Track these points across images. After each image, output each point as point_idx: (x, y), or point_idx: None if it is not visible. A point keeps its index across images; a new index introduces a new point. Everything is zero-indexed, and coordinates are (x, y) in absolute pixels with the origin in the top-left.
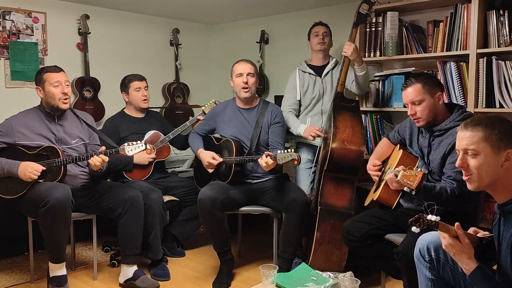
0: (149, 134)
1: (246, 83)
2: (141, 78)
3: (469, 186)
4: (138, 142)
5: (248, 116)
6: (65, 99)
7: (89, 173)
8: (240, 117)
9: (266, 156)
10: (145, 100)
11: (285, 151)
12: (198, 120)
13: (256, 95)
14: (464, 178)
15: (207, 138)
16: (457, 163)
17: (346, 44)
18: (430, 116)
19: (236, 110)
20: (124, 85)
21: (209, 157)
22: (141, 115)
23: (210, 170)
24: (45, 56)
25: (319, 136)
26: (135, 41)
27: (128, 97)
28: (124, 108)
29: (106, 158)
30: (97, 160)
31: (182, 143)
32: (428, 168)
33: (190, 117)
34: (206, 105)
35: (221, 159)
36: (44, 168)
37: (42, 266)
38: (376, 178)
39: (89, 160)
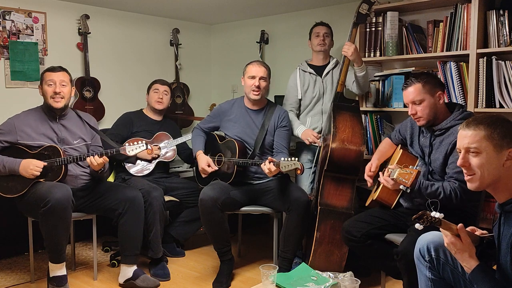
0: (159, 133)
1: (258, 86)
2: (164, 83)
3: (470, 186)
4: (139, 142)
5: (255, 117)
6: (57, 98)
7: (90, 174)
8: (247, 117)
9: (269, 162)
10: (158, 102)
11: (289, 158)
12: None
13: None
14: (466, 178)
15: (211, 136)
16: (459, 162)
17: (346, 44)
18: (430, 115)
19: (243, 110)
20: (149, 88)
21: (204, 164)
22: (157, 118)
23: (203, 175)
24: (45, 56)
25: (315, 142)
26: (135, 41)
27: (147, 97)
28: (143, 108)
29: (107, 159)
30: (96, 160)
31: (187, 156)
32: (429, 168)
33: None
34: None
35: (217, 168)
36: (46, 164)
37: (42, 266)
38: (369, 182)
39: (88, 159)
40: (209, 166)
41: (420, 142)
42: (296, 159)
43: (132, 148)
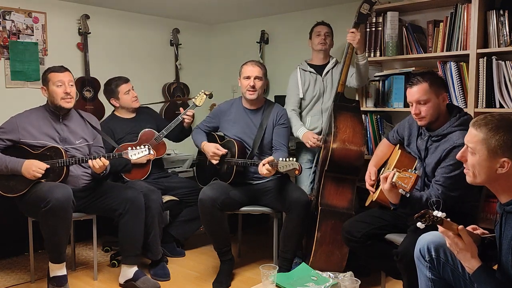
0: (142, 132)
1: (253, 86)
2: (127, 80)
3: (467, 179)
4: (142, 146)
5: (253, 117)
6: (68, 98)
7: (91, 175)
8: (245, 117)
9: (266, 163)
10: (136, 100)
11: (288, 159)
12: (188, 114)
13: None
14: (465, 171)
15: (211, 136)
16: (457, 155)
17: (351, 31)
18: (434, 116)
19: (242, 110)
20: (112, 91)
21: (213, 148)
22: (132, 115)
23: (215, 162)
24: (45, 56)
25: (316, 145)
26: (135, 41)
27: (118, 102)
28: (114, 111)
29: (107, 162)
30: (98, 163)
31: (176, 135)
32: (425, 170)
33: (182, 110)
34: (196, 97)
35: (226, 151)
36: (48, 167)
37: (42, 266)
38: (371, 191)
39: (89, 163)
40: (218, 149)
41: (418, 144)
42: (294, 159)
43: (135, 152)
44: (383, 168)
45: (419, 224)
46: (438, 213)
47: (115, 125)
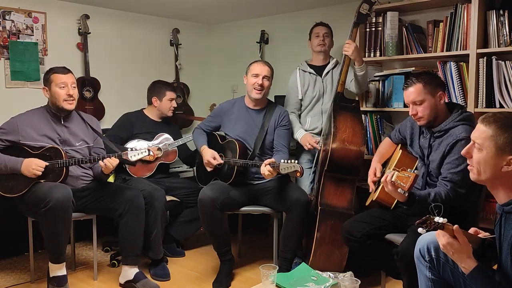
0: (160, 136)
1: (261, 85)
2: (175, 89)
3: (470, 176)
4: (142, 148)
5: (255, 117)
6: (70, 100)
7: (91, 175)
8: (248, 117)
9: (268, 165)
10: (171, 110)
11: (289, 160)
12: None
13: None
14: (468, 167)
15: (212, 136)
16: (462, 151)
17: (347, 42)
18: (431, 116)
19: (244, 110)
20: (160, 91)
21: (209, 156)
22: (158, 119)
23: (209, 169)
24: (45, 56)
25: (314, 147)
26: (135, 41)
27: (159, 103)
28: (143, 108)
29: (117, 161)
30: (111, 163)
31: (187, 157)
32: (428, 169)
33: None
34: None
35: (222, 161)
36: (47, 164)
37: (42, 266)
38: (371, 186)
39: (104, 161)
40: (214, 159)
41: (420, 143)
42: (296, 161)
43: (134, 153)
44: (384, 168)
45: (420, 230)
46: (439, 219)
47: (139, 120)
